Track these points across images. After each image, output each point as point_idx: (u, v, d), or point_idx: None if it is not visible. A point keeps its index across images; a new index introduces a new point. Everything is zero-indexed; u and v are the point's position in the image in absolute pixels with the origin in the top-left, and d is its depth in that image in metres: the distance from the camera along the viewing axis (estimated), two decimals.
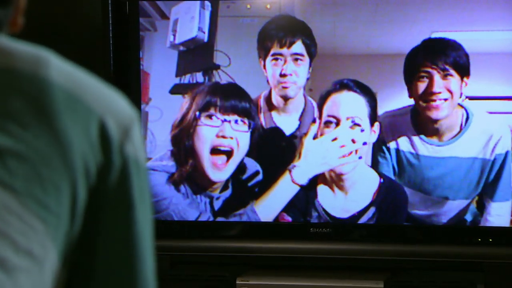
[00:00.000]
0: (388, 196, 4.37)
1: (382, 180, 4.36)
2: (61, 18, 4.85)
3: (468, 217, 4.31)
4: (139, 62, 4.57)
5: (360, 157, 4.36)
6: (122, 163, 1.63)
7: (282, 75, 4.31)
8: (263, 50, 4.39)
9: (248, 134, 4.47)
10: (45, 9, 1.73)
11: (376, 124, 4.32)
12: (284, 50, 4.35)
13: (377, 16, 4.42)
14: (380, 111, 4.35)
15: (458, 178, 4.27)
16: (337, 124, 4.28)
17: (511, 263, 4.22)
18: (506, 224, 4.27)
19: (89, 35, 4.76)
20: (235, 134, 4.41)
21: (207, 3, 4.49)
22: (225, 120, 4.46)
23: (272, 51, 4.36)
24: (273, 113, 4.42)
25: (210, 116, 4.44)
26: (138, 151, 1.69)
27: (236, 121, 4.44)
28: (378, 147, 4.36)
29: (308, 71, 4.35)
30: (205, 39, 4.50)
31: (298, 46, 4.34)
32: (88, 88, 1.64)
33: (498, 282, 4.26)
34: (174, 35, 4.55)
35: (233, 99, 4.51)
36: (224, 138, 4.41)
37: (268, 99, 4.35)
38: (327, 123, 4.30)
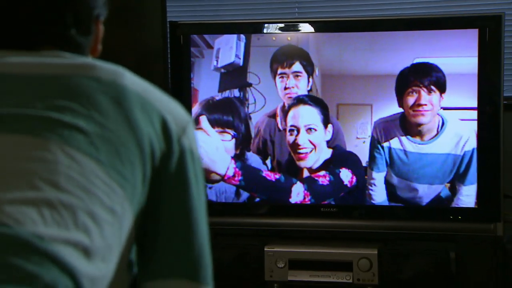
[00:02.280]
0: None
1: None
2: (131, 47, 4.90)
3: (443, 199, 4.39)
4: (190, 81, 4.66)
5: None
6: (180, 152, 1.81)
7: (286, 88, 4.50)
8: (273, 72, 4.54)
9: (232, 138, 4.66)
10: (118, 41, 1.87)
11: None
12: (287, 70, 4.51)
13: (373, 46, 4.47)
14: (375, 117, 4.44)
15: (435, 168, 4.38)
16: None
17: (476, 235, 4.29)
18: (472, 205, 4.31)
19: (153, 60, 4.92)
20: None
21: (242, 36, 4.60)
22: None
23: (279, 71, 4.52)
24: (284, 114, 4.56)
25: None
26: (193, 144, 1.86)
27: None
28: (374, 146, 4.45)
29: (307, 84, 4.52)
30: (241, 63, 4.60)
31: (297, 66, 4.49)
32: (152, 93, 1.84)
33: (466, 250, 4.33)
34: (217, 61, 4.63)
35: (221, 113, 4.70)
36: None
37: (283, 107, 4.52)
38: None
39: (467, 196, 4.35)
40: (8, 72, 1.76)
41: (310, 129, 4.48)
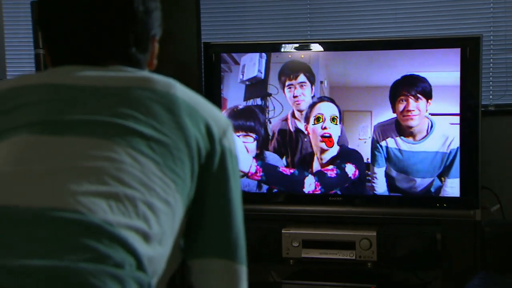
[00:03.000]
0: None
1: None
2: (172, 63, 4.48)
3: (432, 189, 4.43)
4: (220, 92, 4.73)
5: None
6: (221, 151, 1.83)
7: (295, 96, 4.58)
8: (281, 83, 4.62)
9: (254, 141, 4.71)
10: (161, 58, 1.87)
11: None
12: (293, 81, 4.59)
13: (372, 62, 4.51)
14: (374, 122, 4.50)
15: (426, 164, 4.42)
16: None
17: (459, 220, 4.36)
18: (456, 194, 4.34)
19: (189, 75, 4.84)
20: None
21: (264, 54, 4.66)
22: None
23: (286, 83, 4.60)
24: (296, 121, 4.62)
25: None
26: (231, 144, 1.88)
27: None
28: (374, 146, 4.50)
29: (311, 91, 4.58)
30: (262, 77, 4.66)
31: (301, 77, 4.56)
32: (198, 101, 1.85)
33: (450, 232, 4.37)
34: (243, 75, 4.71)
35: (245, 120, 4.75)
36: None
37: (292, 114, 4.60)
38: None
39: (452, 187, 4.39)
40: (82, 84, 1.78)
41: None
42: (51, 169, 1.61)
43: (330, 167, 4.60)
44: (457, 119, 4.37)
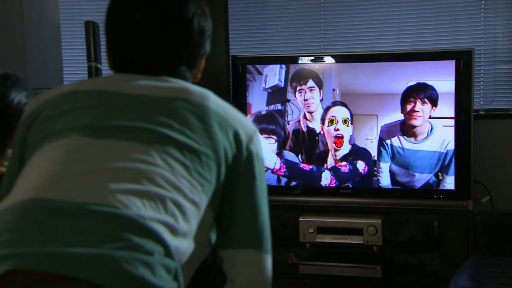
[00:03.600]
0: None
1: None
2: (203, 73, 5.05)
3: (430, 183, 4.42)
4: (246, 98, 4.73)
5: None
6: (247, 155, 1.81)
7: (305, 100, 4.58)
8: (293, 89, 4.61)
9: (275, 142, 4.68)
10: None
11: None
12: (304, 86, 4.58)
13: (378, 72, 4.49)
14: (380, 124, 4.48)
15: (425, 161, 4.41)
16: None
17: (453, 209, 4.34)
18: (451, 188, 4.34)
19: (219, 83, 4.87)
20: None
21: (283, 65, 4.64)
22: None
23: (298, 88, 4.60)
24: (307, 122, 4.61)
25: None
26: (258, 148, 1.85)
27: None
28: (381, 143, 4.49)
29: (319, 95, 4.57)
30: (282, 85, 4.65)
31: (311, 82, 4.56)
32: (228, 111, 1.83)
33: (446, 220, 4.36)
34: (265, 83, 4.70)
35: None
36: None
37: (304, 115, 4.58)
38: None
39: (448, 182, 4.40)
40: (131, 92, 1.77)
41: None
42: (95, 169, 1.61)
43: (344, 163, 4.60)
44: (452, 122, 4.38)
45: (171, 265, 1.54)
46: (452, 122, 4.38)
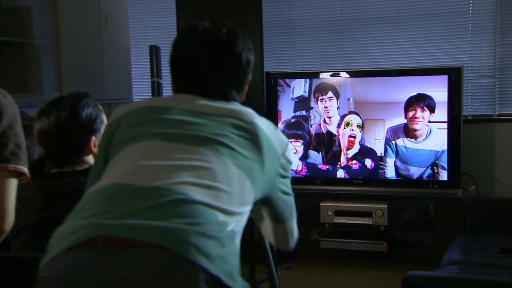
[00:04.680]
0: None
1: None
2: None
3: (428, 176, 4.42)
4: (277, 106, 4.75)
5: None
6: (282, 162, 1.81)
7: (325, 107, 4.62)
8: (315, 98, 4.64)
9: (302, 145, 4.68)
10: None
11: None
12: (324, 96, 4.63)
13: (385, 84, 4.50)
14: (386, 126, 4.48)
15: (423, 158, 4.42)
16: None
17: (446, 196, 4.34)
18: (445, 179, 4.36)
19: (256, 94, 4.60)
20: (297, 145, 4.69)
21: (307, 79, 4.67)
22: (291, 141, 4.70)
23: (319, 98, 4.64)
24: (326, 125, 4.60)
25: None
26: (288, 155, 1.85)
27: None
28: (387, 143, 4.50)
29: (337, 103, 4.59)
30: (306, 96, 4.69)
31: (330, 93, 4.61)
32: (269, 127, 1.80)
33: (440, 206, 4.35)
34: (293, 94, 4.73)
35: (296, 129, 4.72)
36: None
37: (324, 120, 4.58)
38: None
39: (442, 174, 4.43)
40: (194, 109, 1.76)
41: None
42: (167, 164, 1.63)
43: (354, 161, 4.66)
44: (445, 125, 4.42)
45: (226, 236, 1.57)
46: (445, 125, 4.42)
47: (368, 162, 4.61)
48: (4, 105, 1.78)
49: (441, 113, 4.41)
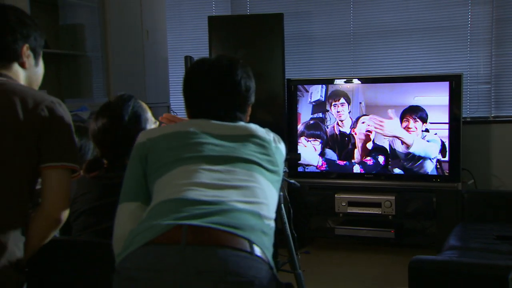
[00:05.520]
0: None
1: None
2: (266, 92, 4.68)
3: (431, 171, 4.37)
4: (296, 109, 4.71)
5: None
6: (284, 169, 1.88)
7: (338, 112, 4.60)
8: (329, 103, 4.61)
9: (320, 144, 4.65)
10: (259, 89, 1.94)
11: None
12: (337, 102, 4.61)
13: (392, 90, 4.46)
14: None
15: (426, 155, 4.37)
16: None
17: (447, 189, 4.30)
18: (446, 173, 4.31)
19: (277, 99, 4.70)
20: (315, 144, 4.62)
21: (324, 85, 4.65)
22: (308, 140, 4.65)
23: (333, 103, 4.62)
24: (339, 127, 4.57)
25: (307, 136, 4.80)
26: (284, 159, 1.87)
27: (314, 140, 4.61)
28: (391, 145, 4.46)
29: (348, 108, 4.58)
30: (323, 100, 4.66)
31: (342, 99, 4.59)
32: (277, 140, 1.83)
33: (442, 197, 4.30)
34: (311, 98, 4.70)
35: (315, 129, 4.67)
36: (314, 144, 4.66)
37: (337, 123, 4.55)
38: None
39: (444, 169, 4.40)
40: (217, 133, 1.77)
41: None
42: (213, 183, 1.63)
43: (368, 158, 4.64)
44: (446, 126, 4.40)
45: (268, 230, 1.62)
46: (446, 126, 4.40)
47: (381, 159, 4.59)
48: (59, 113, 1.79)
49: (443, 116, 4.39)
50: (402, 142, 4.49)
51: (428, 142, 4.44)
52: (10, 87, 1.77)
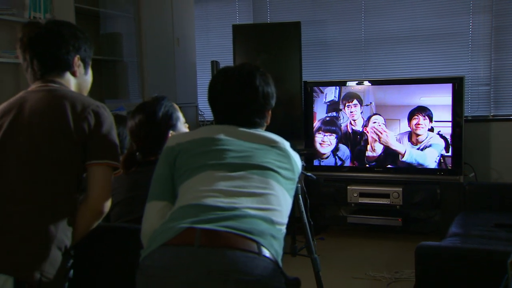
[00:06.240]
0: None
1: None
2: (286, 93, 4.67)
3: (435, 165, 4.36)
4: (313, 109, 4.70)
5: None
6: (300, 175, 1.86)
7: (351, 112, 4.60)
8: (343, 104, 4.60)
9: (335, 139, 4.62)
10: (280, 91, 1.88)
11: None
12: (350, 103, 4.60)
13: (400, 91, 4.43)
14: (402, 125, 4.43)
15: (429, 153, 4.36)
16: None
17: (450, 182, 4.29)
18: (449, 167, 4.30)
19: (295, 99, 4.71)
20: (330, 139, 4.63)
21: (337, 87, 4.64)
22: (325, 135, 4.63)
23: (346, 104, 4.61)
24: (352, 126, 4.56)
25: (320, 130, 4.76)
26: (301, 168, 1.87)
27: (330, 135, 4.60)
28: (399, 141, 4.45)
29: (360, 109, 4.57)
30: (337, 100, 4.65)
31: (355, 101, 4.59)
32: (295, 153, 1.82)
33: (445, 189, 4.30)
34: (325, 98, 4.69)
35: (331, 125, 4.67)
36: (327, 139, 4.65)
37: (350, 122, 4.53)
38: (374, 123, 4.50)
39: (447, 163, 4.38)
40: (239, 139, 1.76)
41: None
42: (224, 190, 1.63)
43: (378, 153, 4.63)
44: (450, 124, 4.38)
45: (279, 234, 1.62)
46: (450, 124, 4.38)
47: (391, 154, 4.58)
48: (104, 116, 1.83)
49: (447, 114, 4.37)
50: (413, 141, 4.46)
51: (430, 147, 4.43)
52: (62, 92, 1.82)
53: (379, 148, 4.61)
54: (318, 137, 4.75)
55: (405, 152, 4.47)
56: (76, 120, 1.76)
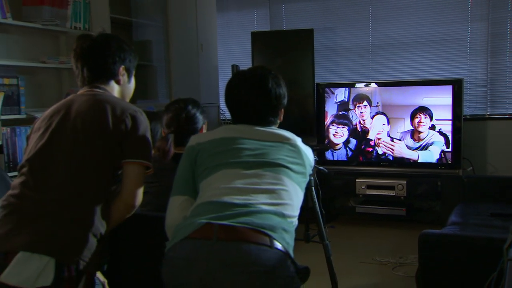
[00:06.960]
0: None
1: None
2: (299, 94, 4.69)
3: (437, 159, 4.32)
4: (324, 108, 4.69)
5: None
6: (312, 170, 1.84)
7: (361, 113, 4.58)
8: (354, 105, 4.59)
9: (347, 131, 4.57)
10: (292, 93, 1.93)
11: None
12: (360, 104, 4.58)
13: (405, 92, 4.40)
14: (406, 123, 4.41)
15: (433, 149, 4.33)
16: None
17: (450, 175, 4.28)
18: (449, 161, 4.27)
19: (308, 100, 4.69)
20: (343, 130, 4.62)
21: (347, 88, 4.62)
22: (338, 127, 4.61)
23: (357, 105, 4.60)
24: (361, 125, 4.52)
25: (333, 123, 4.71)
26: (314, 163, 1.87)
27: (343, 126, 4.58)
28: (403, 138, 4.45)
29: (369, 110, 4.55)
30: (346, 100, 4.63)
31: (365, 102, 4.57)
32: (307, 148, 1.81)
33: (445, 181, 4.27)
34: (336, 99, 4.67)
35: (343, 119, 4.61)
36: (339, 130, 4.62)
37: (359, 121, 4.51)
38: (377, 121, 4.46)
39: (448, 158, 4.35)
40: (255, 138, 1.76)
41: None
42: (239, 187, 1.63)
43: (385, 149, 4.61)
44: (450, 122, 4.35)
45: (290, 227, 1.62)
46: (450, 122, 4.35)
47: (396, 149, 4.55)
48: (140, 120, 1.84)
49: (447, 113, 4.35)
50: (415, 138, 4.43)
51: (432, 144, 4.39)
52: (105, 97, 1.86)
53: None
54: (332, 129, 4.71)
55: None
56: (115, 122, 1.79)
